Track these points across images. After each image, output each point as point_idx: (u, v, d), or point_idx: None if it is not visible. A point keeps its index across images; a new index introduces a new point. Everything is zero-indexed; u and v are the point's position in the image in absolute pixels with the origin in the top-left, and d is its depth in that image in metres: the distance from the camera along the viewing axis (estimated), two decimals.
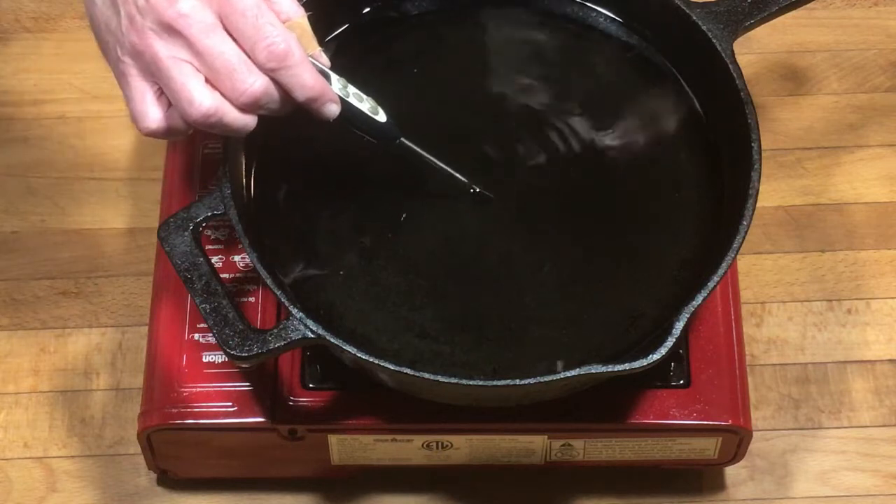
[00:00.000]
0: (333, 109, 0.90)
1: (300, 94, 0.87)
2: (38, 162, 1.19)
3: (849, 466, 1.08)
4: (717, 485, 1.08)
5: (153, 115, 0.87)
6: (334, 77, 0.90)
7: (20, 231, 1.17)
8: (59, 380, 1.11)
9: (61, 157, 1.20)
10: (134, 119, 0.88)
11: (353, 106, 0.91)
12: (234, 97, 0.86)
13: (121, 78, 0.87)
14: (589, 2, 1.06)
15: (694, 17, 1.00)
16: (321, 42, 0.91)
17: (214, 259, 1.00)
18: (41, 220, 1.17)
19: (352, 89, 0.91)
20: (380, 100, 0.93)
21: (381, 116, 0.93)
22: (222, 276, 0.92)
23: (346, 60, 1.02)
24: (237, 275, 1.01)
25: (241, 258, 1.02)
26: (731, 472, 1.08)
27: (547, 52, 1.05)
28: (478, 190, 0.98)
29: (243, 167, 0.98)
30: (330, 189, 0.99)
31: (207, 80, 0.85)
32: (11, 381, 1.11)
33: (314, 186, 1.00)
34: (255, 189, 0.99)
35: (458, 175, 0.98)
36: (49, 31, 1.26)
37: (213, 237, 1.03)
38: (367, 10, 1.06)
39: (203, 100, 0.85)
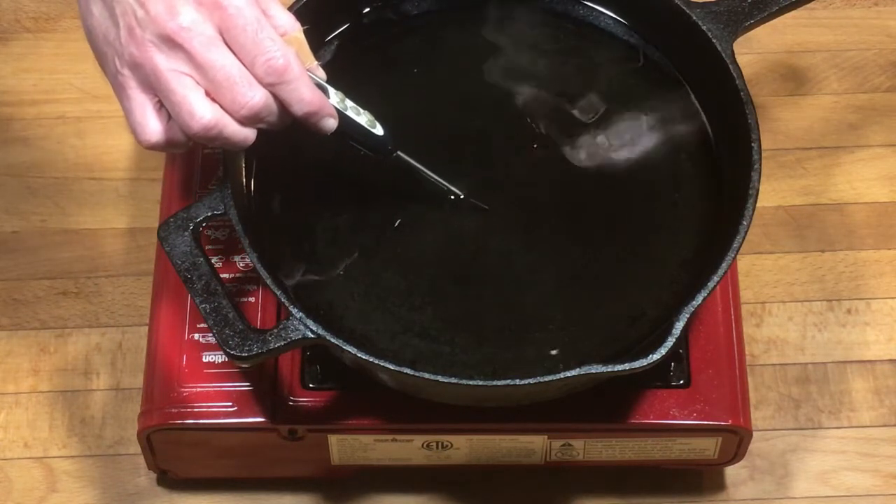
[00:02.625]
0: (331, 124, 0.90)
1: (298, 109, 0.88)
2: (38, 162, 1.19)
3: (849, 466, 1.08)
4: (717, 485, 1.08)
5: (153, 127, 0.87)
6: (332, 91, 0.90)
7: (20, 231, 1.17)
8: (59, 380, 1.11)
9: (61, 157, 1.20)
10: (134, 132, 0.88)
11: (351, 119, 0.92)
12: (235, 110, 0.86)
13: (120, 90, 0.87)
14: (589, 1, 1.06)
15: (694, 17, 1.00)
16: (321, 41, 0.91)
17: (214, 259, 1.00)
18: (41, 220, 1.17)
19: (349, 103, 0.92)
20: (379, 99, 0.93)
21: (379, 130, 0.93)
22: (222, 276, 0.92)
23: (345, 60, 1.02)
24: (237, 275, 1.01)
25: (241, 258, 1.02)
26: (731, 472, 1.08)
27: (547, 51, 1.04)
28: (474, 202, 0.98)
29: (243, 167, 0.98)
30: (330, 189, 0.99)
31: (207, 94, 0.86)
32: (11, 381, 1.11)
33: (314, 186, 1.00)
34: (255, 189, 0.99)
35: (454, 189, 0.98)
36: (49, 31, 1.26)
37: (213, 237, 1.03)
38: (367, 10, 1.06)
39: (204, 112, 0.85)
